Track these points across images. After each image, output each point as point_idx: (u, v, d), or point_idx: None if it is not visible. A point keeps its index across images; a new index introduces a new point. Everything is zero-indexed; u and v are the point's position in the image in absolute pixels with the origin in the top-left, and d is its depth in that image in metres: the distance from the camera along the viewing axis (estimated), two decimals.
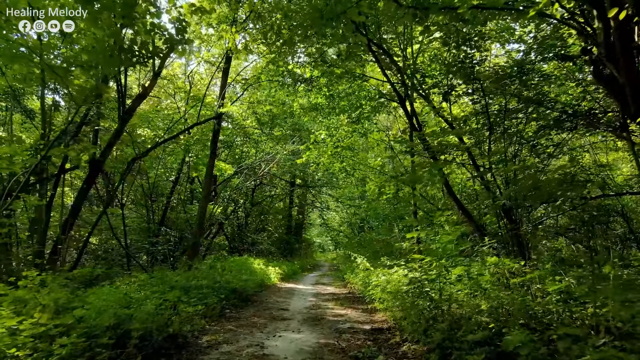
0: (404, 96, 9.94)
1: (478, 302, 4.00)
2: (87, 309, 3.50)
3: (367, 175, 18.00)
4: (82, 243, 10.63)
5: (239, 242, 19.52)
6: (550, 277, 4.14)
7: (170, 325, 4.52)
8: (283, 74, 12.85)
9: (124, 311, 3.92)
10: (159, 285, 6.60)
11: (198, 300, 6.18)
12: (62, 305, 3.43)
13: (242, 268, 11.07)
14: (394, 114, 15.72)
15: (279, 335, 5.12)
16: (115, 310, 3.79)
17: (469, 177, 12.66)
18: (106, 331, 3.39)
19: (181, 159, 15.22)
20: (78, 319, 3.21)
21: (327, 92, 13.38)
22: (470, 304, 3.93)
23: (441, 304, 3.91)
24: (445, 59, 9.82)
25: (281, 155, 16.77)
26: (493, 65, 9.22)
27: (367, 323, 5.96)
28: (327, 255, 36.14)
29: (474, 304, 3.92)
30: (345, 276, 13.24)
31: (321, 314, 6.78)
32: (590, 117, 8.19)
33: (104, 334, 3.33)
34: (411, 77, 9.71)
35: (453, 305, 4.16)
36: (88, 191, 8.58)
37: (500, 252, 6.79)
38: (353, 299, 8.85)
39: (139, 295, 4.62)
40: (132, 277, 6.84)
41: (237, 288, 7.79)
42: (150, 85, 9.40)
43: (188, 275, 7.47)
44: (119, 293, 4.62)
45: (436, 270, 4.23)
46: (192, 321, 5.34)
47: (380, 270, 8.93)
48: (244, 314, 6.66)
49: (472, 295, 4.51)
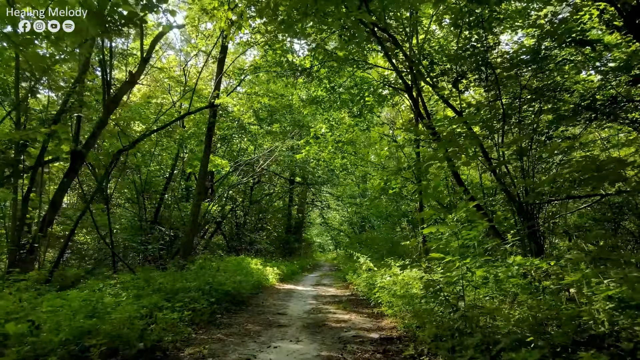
0: (410, 84, 9.30)
1: (509, 310, 3.35)
2: (30, 320, 2.84)
3: (368, 172, 17.36)
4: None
5: (237, 241, 18.87)
6: (595, 280, 3.49)
7: (146, 336, 3.87)
8: (281, 64, 12.19)
9: (86, 322, 3.27)
10: (143, 288, 5.96)
11: (185, 304, 5.54)
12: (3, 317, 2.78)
13: (238, 268, 10.42)
14: (397, 109, 15.09)
15: (275, 346, 4.47)
16: (70, 322, 3.13)
17: (479, 172, 12.02)
18: (58, 348, 2.74)
19: (175, 154, 14.56)
20: (19, 334, 2.57)
21: (327, 84, 12.74)
22: (502, 312, 3.27)
23: (467, 312, 3.26)
24: (453, 47, 9.19)
25: (280, 149, 16.11)
26: (504, 53, 8.56)
27: (374, 331, 5.30)
28: (327, 255, 35.52)
29: (505, 313, 3.26)
30: (347, 277, 12.59)
31: (322, 320, 6.12)
32: (612, 106, 7.55)
33: (54, 352, 2.67)
34: (418, 63, 9.06)
35: (475, 312, 3.50)
36: (69, 185, 7.92)
37: (515, 251, 6.16)
38: (356, 301, 8.20)
39: (109, 300, 3.97)
40: (112, 280, 6.18)
41: (231, 290, 7.13)
42: (139, 71, 8.75)
43: (176, 277, 6.81)
44: (89, 298, 3.96)
45: (458, 271, 3.57)
46: (175, 329, 4.69)
47: (384, 270, 8.30)
48: (237, 320, 6.00)
49: (500, 300, 3.86)
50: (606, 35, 8.61)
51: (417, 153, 10.73)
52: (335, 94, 12.89)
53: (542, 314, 3.22)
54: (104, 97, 8.05)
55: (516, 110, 8.16)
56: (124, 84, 8.52)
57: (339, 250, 30.12)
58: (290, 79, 12.80)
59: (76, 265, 9.74)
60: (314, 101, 12.87)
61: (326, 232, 30.85)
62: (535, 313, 3.14)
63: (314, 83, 12.74)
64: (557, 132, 8.34)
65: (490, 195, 11.16)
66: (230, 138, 17.68)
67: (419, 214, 4.92)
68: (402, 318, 5.48)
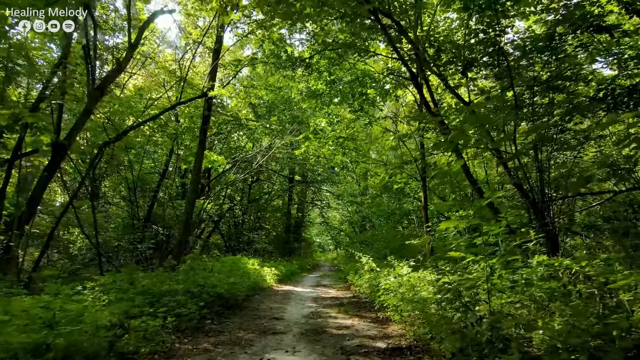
0: (416, 72, 8.76)
1: (546, 320, 2.80)
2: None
3: (369, 170, 16.80)
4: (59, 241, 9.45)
5: (235, 241, 18.33)
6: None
7: (118, 348, 3.33)
8: (279, 55, 11.63)
9: (41, 334, 2.73)
10: (126, 291, 5.42)
11: (170, 309, 5.00)
12: None
13: (234, 269, 9.87)
14: (400, 102, 14.53)
15: (268, 358, 3.92)
16: (18, 336, 2.59)
17: (485, 168, 11.49)
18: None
19: (169, 150, 14.00)
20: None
21: (327, 77, 12.20)
22: (539, 322, 2.73)
23: (498, 324, 2.72)
24: (461, 36, 8.67)
25: (279, 144, 15.57)
26: (515, 41, 8.00)
27: (380, 339, 4.75)
28: (327, 255, 35.00)
29: (543, 324, 2.72)
30: (348, 277, 12.05)
31: (322, 325, 5.57)
32: (632, 96, 7.01)
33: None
34: (424, 51, 8.52)
35: (509, 323, 2.96)
36: (50, 179, 7.38)
37: (539, 249, 5.62)
38: (359, 304, 7.65)
39: (75, 307, 3.43)
40: (92, 282, 5.62)
41: (223, 293, 6.57)
42: (126, 58, 8.21)
43: (163, 278, 6.26)
44: (49, 305, 3.41)
45: (480, 273, 3.03)
46: (156, 338, 4.15)
47: (387, 271, 7.76)
48: (229, 326, 5.45)
49: (529, 307, 3.31)
50: (624, 19, 8.04)
51: (421, 144, 10.19)
52: (335, 88, 12.35)
53: (586, 324, 2.68)
54: (88, 85, 7.51)
55: (527, 101, 7.61)
56: (111, 71, 7.98)
57: (339, 250, 29.56)
58: (289, 71, 12.24)
59: (62, 265, 9.19)
60: (314, 95, 12.31)
61: (326, 231, 30.30)
62: (580, 324, 2.59)
63: (314, 75, 12.20)
64: (571, 124, 7.83)
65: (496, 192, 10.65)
66: (227, 134, 17.14)
67: (438, 205, 4.27)
68: (411, 324, 4.94)
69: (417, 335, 4.39)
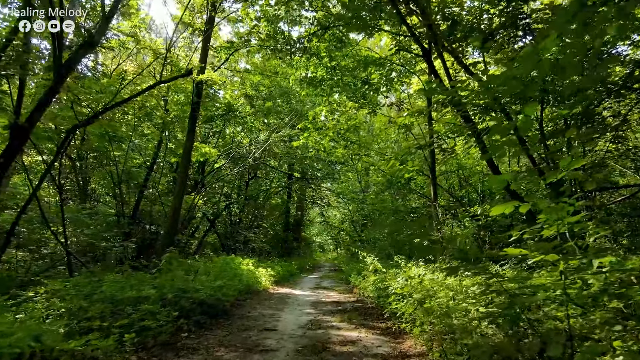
0: (428, 47, 7.81)
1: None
2: None
3: (373, 163, 15.83)
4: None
5: (232, 240, 17.34)
6: None
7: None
8: (276, 37, 10.65)
9: None
10: (86, 297, 4.46)
11: (133, 322, 4.02)
12: None
13: (224, 270, 8.90)
14: (406, 89, 13.54)
15: None
16: None
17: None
18: None
19: (157, 141, 13.02)
20: None
21: (328, 62, 11.23)
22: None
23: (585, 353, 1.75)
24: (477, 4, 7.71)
25: (275, 137, 14.59)
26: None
27: (395, 359, 3.77)
28: (327, 255, 34.05)
29: None
30: (351, 279, 11.07)
31: (323, 339, 4.58)
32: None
33: None
34: (437, 25, 7.57)
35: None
36: (7, 167, 6.39)
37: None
38: (365, 311, 6.66)
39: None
40: (43, 287, 4.64)
41: (206, 299, 5.58)
42: (99, 32, 7.21)
43: (132, 282, 5.28)
44: None
45: (553, 278, 2.07)
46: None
47: (394, 271, 6.80)
48: (208, 340, 4.46)
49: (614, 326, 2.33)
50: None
51: (431, 128, 9.19)
52: (337, 75, 11.37)
53: None
54: (54, 61, 6.52)
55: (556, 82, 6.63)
56: (80, 46, 6.98)
57: (340, 250, 28.55)
58: (286, 55, 11.26)
59: (27, 266, 8.21)
60: (313, 82, 11.33)
61: (326, 231, 29.33)
62: None
63: (313, 61, 11.23)
64: (599, 109, 6.89)
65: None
66: (221, 127, 16.16)
67: (491, 179, 3.38)
68: (431, 340, 3.96)
69: (445, 355, 3.41)
